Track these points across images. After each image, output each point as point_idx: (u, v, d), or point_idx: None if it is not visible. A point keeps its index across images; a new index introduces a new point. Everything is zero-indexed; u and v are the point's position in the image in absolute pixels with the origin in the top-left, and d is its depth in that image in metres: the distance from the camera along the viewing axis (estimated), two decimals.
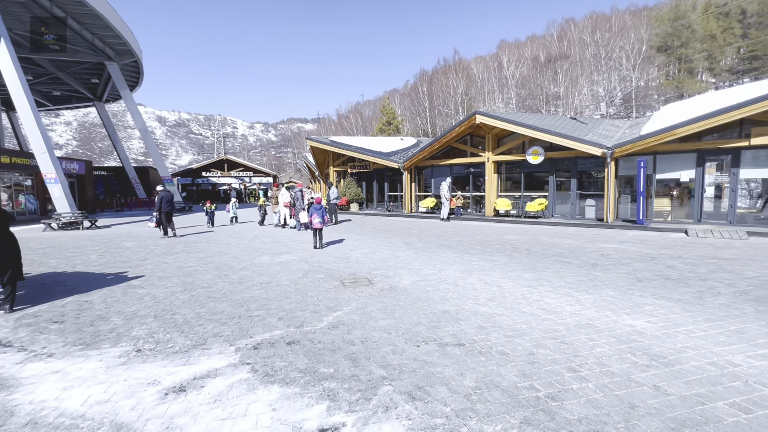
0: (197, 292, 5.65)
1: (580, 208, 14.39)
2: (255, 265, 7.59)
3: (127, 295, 5.59)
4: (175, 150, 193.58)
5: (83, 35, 20.83)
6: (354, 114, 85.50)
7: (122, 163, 32.68)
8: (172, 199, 12.39)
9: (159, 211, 11.74)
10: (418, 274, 6.65)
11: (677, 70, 55.91)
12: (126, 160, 32.56)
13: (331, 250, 9.27)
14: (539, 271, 6.65)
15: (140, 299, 5.34)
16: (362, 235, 11.85)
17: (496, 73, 56.41)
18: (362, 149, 20.56)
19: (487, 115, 15.10)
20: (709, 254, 7.86)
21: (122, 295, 5.55)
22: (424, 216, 17.60)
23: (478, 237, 11.07)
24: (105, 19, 20.02)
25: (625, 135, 13.78)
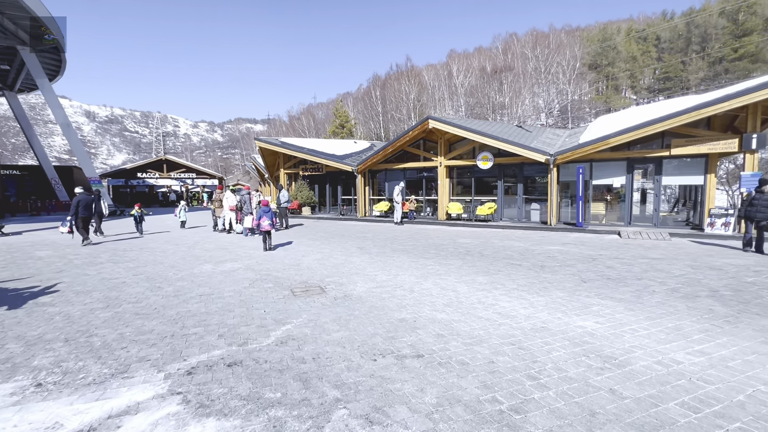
0: (122, 309, 4.94)
1: (525, 212, 15.09)
2: (194, 275, 6.90)
3: (31, 315, 4.74)
4: (107, 148, 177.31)
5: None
6: (306, 116, 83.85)
7: (39, 162, 29.02)
8: (92, 204, 11.07)
9: (75, 215, 10.43)
10: (373, 280, 6.42)
11: (605, 87, 61.47)
12: (44, 157, 28.97)
13: (281, 256, 8.75)
14: (492, 274, 6.72)
15: (49, 320, 4.55)
16: (315, 240, 11.40)
17: (447, 81, 58.28)
18: (315, 151, 20.02)
19: (440, 120, 15.36)
20: (641, 254, 8.49)
21: (25, 316, 4.70)
22: (378, 220, 17.47)
23: (432, 241, 11.11)
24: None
25: (565, 143, 14.70)
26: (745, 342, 3.74)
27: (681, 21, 58.11)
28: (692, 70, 50.91)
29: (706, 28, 52.22)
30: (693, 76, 50.21)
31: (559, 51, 53.48)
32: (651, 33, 60.78)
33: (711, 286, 5.78)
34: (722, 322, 4.30)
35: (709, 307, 4.80)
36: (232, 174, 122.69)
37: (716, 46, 47.99)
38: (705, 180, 11.75)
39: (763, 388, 2.88)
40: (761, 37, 43.50)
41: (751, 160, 10.82)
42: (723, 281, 6.08)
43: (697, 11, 55.94)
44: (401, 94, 57.73)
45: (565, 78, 52.24)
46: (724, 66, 45.91)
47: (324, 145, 22.09)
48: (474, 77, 55.92)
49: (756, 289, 5.59)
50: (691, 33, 54.87)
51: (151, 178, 39.30)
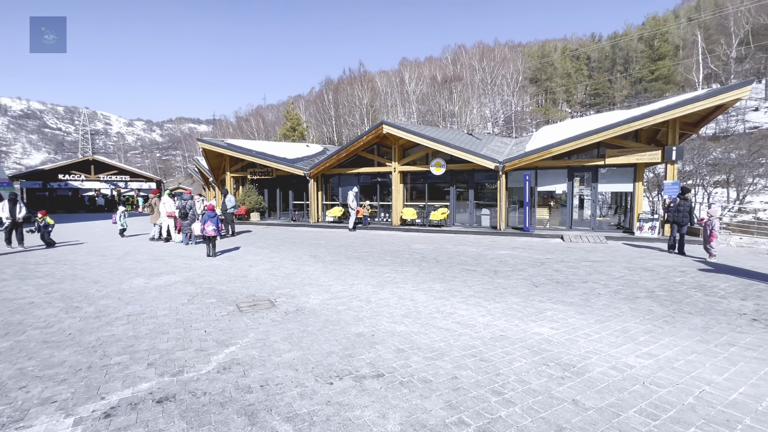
0: (26, 336, 4.16)
1: (476, 217, 15.52)
2: (122, 291, 6.10)
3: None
4: (22, 146, 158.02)
5: None
6: (255, 117, 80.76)
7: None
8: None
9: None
10: (327, 291, 6.09)
11: (544, 100, 66.07)
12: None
13: (226, 266, 8.09)
14: (449, 281, 6.68)
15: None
16: (264, 248, 10.75)
17: (399, 88, 59.20)
18: (264, 155, 19.13)
19: (394, 126, 15.37)
20: (583, 257, 8.99)
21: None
22: (331, 226, 17.04)
23: (387, 247, 10.96)
24: None
25: (512, 151, 15.37)
26: (684, 341, 3.96)
27: (607, 43, 64.19)
28: (617, 88, 56.34)
29: (628, 51, 58.10)
30: (618, 93, 55.54)
31: (503, 64, 56.56)
32: (582, 53, 66.47)
33: (647, 287, 6.19)
34: (662, 322, 4.55)
35: (649, 308, 5.09)
36: (173, 177, 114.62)
37: (636, 67, 53.60)
38: (634, 187, 12.84)
39: (708, 388, 3.01)
40: (672, 62, 49.36)
41: (672, 169, 12.01)
42: (656, 282, 6.56)
43: (620, 36, 62.14)
44: (354, 99, 57.67)
45: (509, 90, 55.34)
46: (644, 86, 51.38)
47: (274, 148, 21.21)
48: (425, 85, 57.37)
49: (684, 289, 6.07)
50: (616, 55, 60.76)
51: (76, 180, 35.26)
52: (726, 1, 47.13)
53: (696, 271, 7.46)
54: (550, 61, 65.75)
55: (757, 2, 41.66)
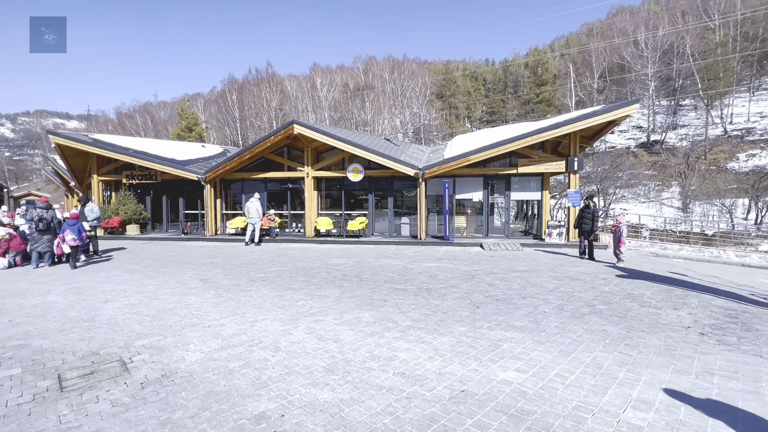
0: None
1: (396, 226, 14.79)
2: None
3: None
4: None
5: None
6: (142, 115, 70.32)
7: None
8: None
9: None
10: (217, 335, 4.38)
11: (449, 114, 70.61)
12: None
13: (66, 304, 5.68)
14: (379, 307, 5.50)
15: None
16: (136, 273, 8.25)
17: (310, 93, 57.25)
18: (145, 154, 15.76)
19: (306, 125, 13.82)
20: (509, 267, 8.68)
21: None
22: (233, 239, 14.63)
23: (300, 263, 9.38)
24: None
25: (430, 159, 15.08)
26: (664, 374, 3.39)
27: (500, 67, 71.62)
28: (510, 108, 62.95)
29: (517, 76, 65.50)
30: (510, 112, 62.03)
31: (412, 78, 58.72)
32: (480, 74, 73.03)
33: (585, 300, 5.85)
34: (624, 346, 4.02)
35: (602, 328, 4.59)
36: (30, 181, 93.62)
37: (525, 90, 60.63)
38: (542, 195, 13.46)
39: None
40: (552, 87, 56.93)
41: (574, 178, 12.83)
42: (589, 293, 6.31)
43: (510, 62, 69.78)
44: (262, 101, 53.95)
45: (419, 102, 57.62)
46: (531, 106, 58.25)
47: (160, 147, 17.77)
48: (338, 92, 56.48)
49: (619, 300, 5.87)
50: (507, 78, 67.97)
51: None
52: (588, 41, 56.32)
53: (615, 277, 7.57)
54: (452, 78, 70.60)
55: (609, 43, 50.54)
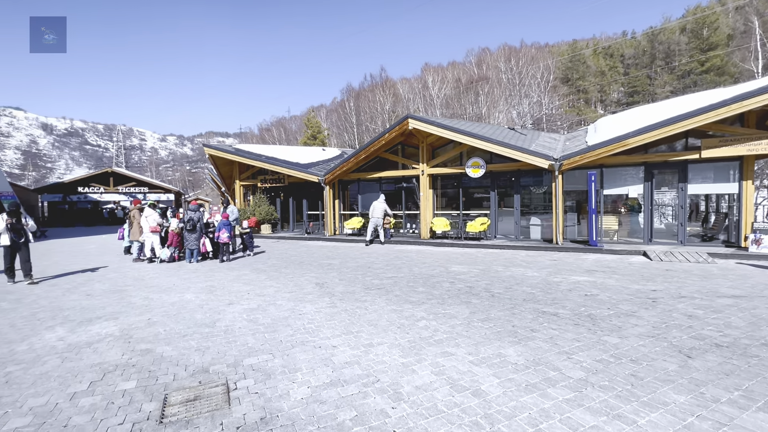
0: None
1: (523, 228, 12.77)
2: (13, 354, 3.89)
3: None
4: (65, 163, 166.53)
5: None
6: (277, 127, 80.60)
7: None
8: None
9: None
10: (327, 361, 3.65)
11: (577, 99, 62.07)
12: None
13: (197, 304, 5.83)
14: (526, 340, 4.11)
15: None
16: (261, 272, 8.48)
17: (421, 93, 57.01)
18: (275, 159, 17.13)
19: (422, 119, 12.93)
20: (710, 290, 6.15)
21: None
22: (349, 239, 14.69)
23: (417, 269, 8.45)
24: None
25: (567, 147, 12.58)
26: None
27: (644, 38, 59.79)
28: (659, 84, 51.90)
29: (669, 45, 53.64)
30: (660, 89, 51.06)
31: (532, 64, 53.35)
32: (616, 50, 62.32)
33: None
34: None
35: None
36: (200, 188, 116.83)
37: (683, 60, 49.08)
38: (740, 187, 9.79)
39: None
40: (724, 51, 44.67)
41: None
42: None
43: (659, 28, 57.60)
44: (376, 105, 55.95)
45: (539, 90, 52.01)
46: (692, 79, 46.80)
47: (286, 153, 19.24)
48: (449, 88, 54.90)
49: None
50: (655, 49, 56.31)
51: (95, 192, 34.85)
52: None
53: None
54: (581, 58, 61.93)
55: None
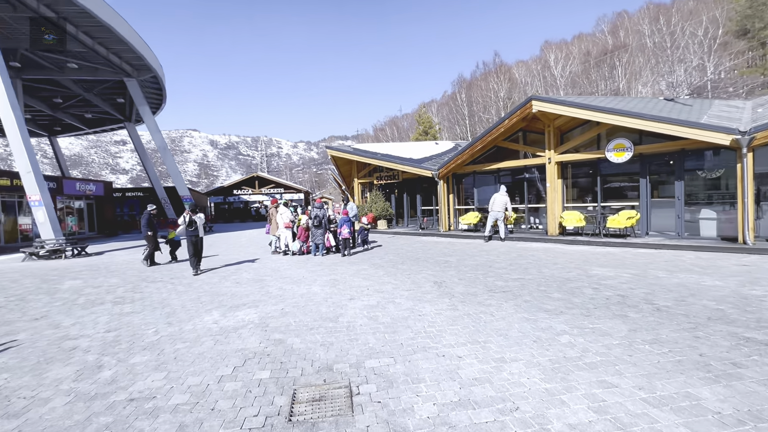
0: None
1: (688, 223, 10.16)
2: (179, 335, 4.57)
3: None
4: (225, 171, 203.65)
5: (97, 50, 19.90)
6: (390, 126, 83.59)
7: (152, 184, 32.19)
8: (149, 219, 10.17)
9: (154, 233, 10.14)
10: (453, 374, 3.25)
11: (761, 56, 47.96)
12: (156, 180, 32.03)
13: (322, 296, 6.11)
14: (729, 380, 2.98)
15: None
16: (379, 268, 8.58)
17: (541, 74, 51.74)
18: (388, 156, 17.49)
19: (549, 99, 11.41)
20: None
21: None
22: (465, 235, 14.01)
23: (548, 270, 7.39)
24: (116, 32, 18.92)
25: (761, 116, 9.50)
26: None
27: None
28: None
29: None
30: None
31: (690, 19, 43.19)
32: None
33: None
34: None
35: None
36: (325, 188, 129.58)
37: None
38: None
39: None
40: None
41: None
42: None
43: None
44: (489, 93, 52.99)
45: (700, 51, 41.81)
46: None
47: (400, 149, 19.48)
48: (575, 64, 48.42)
49: None
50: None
51: (245, 194, 41.59)
52: None
53: None
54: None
55: None
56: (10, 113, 13.25)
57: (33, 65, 21.47)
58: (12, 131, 13.41)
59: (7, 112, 13.26)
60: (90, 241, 20.01)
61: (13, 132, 13.41)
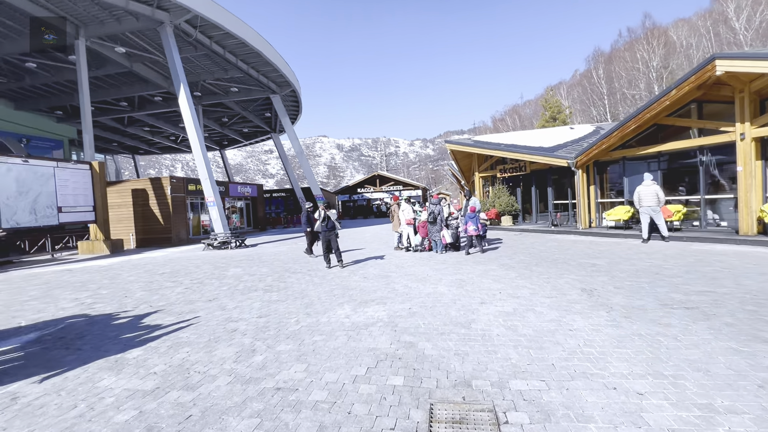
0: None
1: None
2: (317, 326, 4.80)
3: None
4: (350, 172, 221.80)
5: (250, 74, 23.59)
6: (510, 115, 78.14)
7: (292, 185, 36.87)
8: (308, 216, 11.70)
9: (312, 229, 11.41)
10: (635, 421, 2.48)
11: None
12: (295, 182, 36.59)
13: (450, 297, 5.74)
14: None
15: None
16: (509, 269, 7.78)
17: (712, 31, 41.02)
18: (514, 146, 16.05)
19: (742, 56, 8.63)
20: None
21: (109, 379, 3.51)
22: (611, 234, 11.85)
23: (753, 283, 5.50)
24: (264, 56, 22.08)
25: None
26: None
27: None
28: None
29: None
30: None
31: None
32: None
33: None
34: None
35: None
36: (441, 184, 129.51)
37: None
38: None
39: None
40: None
41: None
42: None
43: None
44: (636, 65, 44.48)
45: None
46: None
47: (526, 138, 17.72)
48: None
49: None
50: None
51: (367, 192, 44.23)
52: None
53: None
54: None
55: None
56: (194, 134, 16.66)
57: (208, 92, 26.72)
58: (196, 147, 16.85)
59: (193, 133, 16.70)
60: (247, 234, 23.94)
61: (196, 148, 16.83)
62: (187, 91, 17.02)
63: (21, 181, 13.45)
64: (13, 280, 10.00)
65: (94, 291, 7.77)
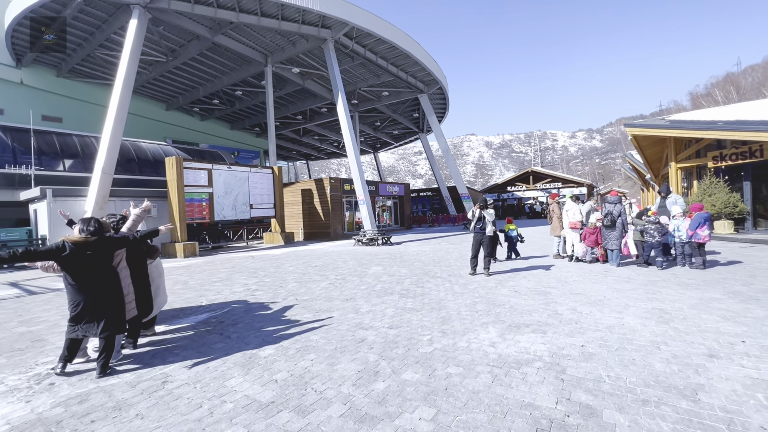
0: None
1: None
2: (451, 352, 3.88)
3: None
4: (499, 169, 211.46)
5: (399, 76, 24.29)
6: (721, 88, 59.41)
7: (438, 185, 36.76)
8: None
9: None
10: None
11: None
12: (441, 181, 36.37)
13: (648, 335, 3.97)
14: None
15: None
16: (747, 300, 5.16)
17: None
18: (741, 123, 11.45)
19: None
20: None
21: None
22: None
23: None
24: (413, 56, 22.35)
25: None
26: None
27: None
28: None
29: None
30: None
31: None
32: None
33: None
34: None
35: None
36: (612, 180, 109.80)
37: None
38: None
39: None
40: None
41: None
42: None
43: None
44: None
45: None
46: None
47: (760, 110, 12.48)
48: None
49: None
50: None
51: (519, 190, 40.44)
52: None
53: None
54: None
55: None
56: (348, 136, 17.98)
57: (363, 99, 28.89)
58: (350, 151, 18.16)
59: (347, 135, 18.04)
60: (393, 232, 24.77)
61: (350, 151, 18.13)
62: (344, 98, 18.49)
63: (227, 184, 16.98)
64: (216, 262, 12.50)
65: (261, 278, 8.81)
